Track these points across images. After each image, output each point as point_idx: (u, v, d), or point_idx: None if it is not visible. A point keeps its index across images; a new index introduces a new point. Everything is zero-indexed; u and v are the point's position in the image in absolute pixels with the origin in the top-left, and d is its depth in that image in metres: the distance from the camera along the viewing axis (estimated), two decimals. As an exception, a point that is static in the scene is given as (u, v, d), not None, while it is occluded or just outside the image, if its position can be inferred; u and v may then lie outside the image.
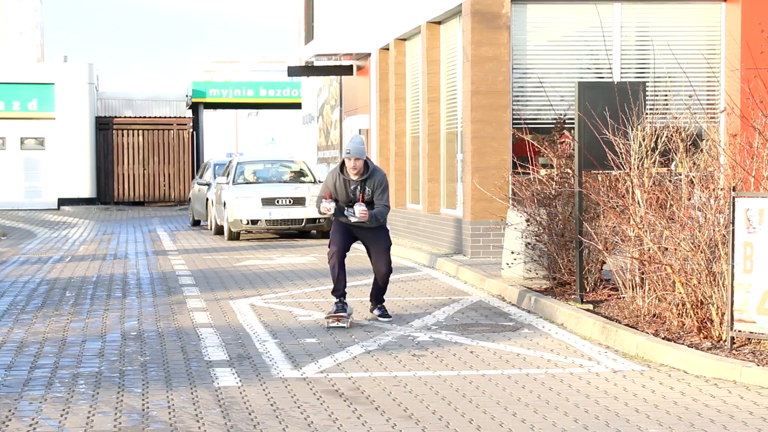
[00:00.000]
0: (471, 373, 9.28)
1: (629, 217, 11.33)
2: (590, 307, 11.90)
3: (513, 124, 17.08)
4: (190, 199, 32.02)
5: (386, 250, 12.13)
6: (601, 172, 12.25)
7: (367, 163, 11.81)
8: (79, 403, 8.20)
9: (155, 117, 44.46)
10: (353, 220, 11.80)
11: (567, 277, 13.24)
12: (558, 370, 9.44)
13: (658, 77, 16.64)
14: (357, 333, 11.13)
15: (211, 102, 43.75)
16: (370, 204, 11.77)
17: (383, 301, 12.36)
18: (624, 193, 11.63)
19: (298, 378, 9.07)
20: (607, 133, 11.71)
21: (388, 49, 23.01)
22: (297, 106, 40.07)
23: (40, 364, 9.79)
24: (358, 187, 11.77)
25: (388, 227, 11.62)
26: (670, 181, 11.28)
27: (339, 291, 11.89)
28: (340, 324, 11.63)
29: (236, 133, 72.97)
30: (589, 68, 17.25)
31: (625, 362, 9.73)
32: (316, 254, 20.19)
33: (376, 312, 12.25)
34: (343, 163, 11.88)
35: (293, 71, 32.07)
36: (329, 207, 11.72)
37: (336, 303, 11.85)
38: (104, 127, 42.90)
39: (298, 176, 26.14)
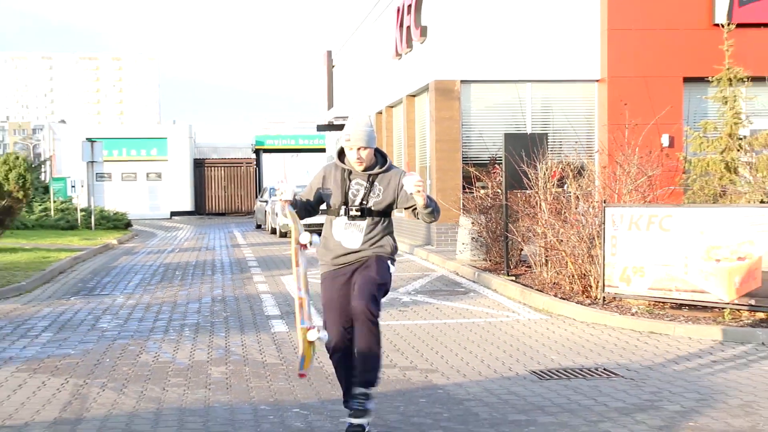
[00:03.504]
0: (437, 322, 9.33)
1: (538, 220, 11.39)
2: (513, 278, 11.95)
3: (462, 160, 17.14)
4: (254, 211, 32.12)
5: (373, 280, 5.07)
6: (520, 191, 12.31)
7: (382, 154, 5.30)
8: (185, 343, 8.26)
9: (232, 158, 44.80)
10: (345, 240, 5.19)
11: (498, 260, 13.31)
12: (493, 319, 9.49)
13: (556, 130, 16.72)
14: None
15: (267, 148, 43.67)
16: (368, 213, 5.15)
17: (367, 383, 5.09)
18: (534, 205, 11.71)
19: (325, 326, 9.11)
20: (524, 166, 11.77)
21: (381, 113, 23.07)
22: (323, 150, 40.05)
23: (160, 318, 9.84)
24: (365, 187, 5.15)
25: (393, 267, 5.31)
26: (564, 197, 11.35)
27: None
28: None
29: (284, 168, 72.91)
30: (511, 124, 17.28)
31: (535, 314, 9.79)
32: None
33: (347, 413, 5.13)
34: (341, 153, 5.30)
35: (320, 128, 32.15)
36: (283, 188, 5.08)
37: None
38: (199, 165, 43.10)
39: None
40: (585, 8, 17.21)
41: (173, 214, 41.44)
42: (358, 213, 5.17)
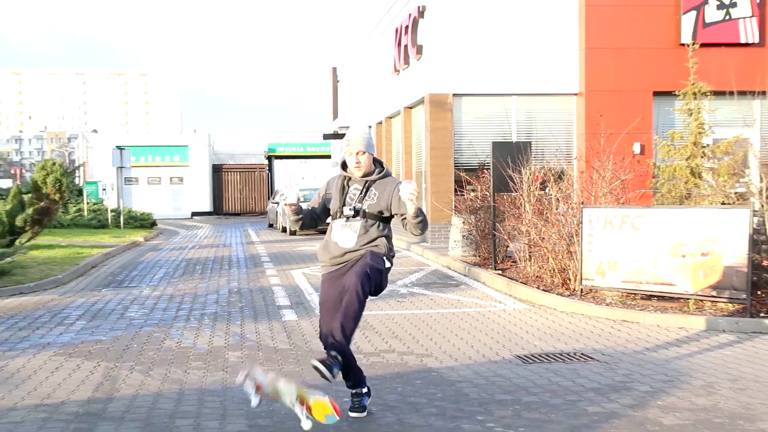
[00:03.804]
0: (431, 311, 9.33)
1: (522, 220, 11.39)
2: (500, 272, 11.96)
3: (454, 166, 17.13)
4: (267, 211, 32.09)
5: (365, 266, 4.81)
6: (506, 193, 12.32)
7: (380, 162, 5.13)
8: (204, 330, 8.26)
9: (247, 164, 44.70)
10: (341, 239, 4.97)
11: (487, 255, 13.31)
12: (482, 309, 9.50)
13: (538, 138, 16.72)
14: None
15: (279, 155, 43.60)
16: (362, 215, 4.95)
17: (360, 384, 5.14)
18: (519, 206, 11.72)
19: (331, 315, 9.11)
20: (509, 171, 11.78)
21: (381, 123, 23.08)
22: (328, 156, 40.05)
23: (182, 307, 9.85)
24: (362, 191, 5.00)
25: (389, 263, 5.01)
26: (545, 199, 11.36)
27: (349, 383, 5.19)
28: None
29: (290, 179, 73.25)
30: (498, 133, 17.29)
31: (520, 304, 9.79)
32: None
33: (350, 404, 5.16)
34: (344, 164, 5.12)
35: (326, 136, 32.12)
36: (287, 193, 5.00)
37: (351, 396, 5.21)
38: (217, 170, 43.01)
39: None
40: (565, 29, 17.24)
41: (194, 214, 41.41)
42: (352, 213, 4.97)
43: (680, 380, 6.08)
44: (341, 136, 29.51)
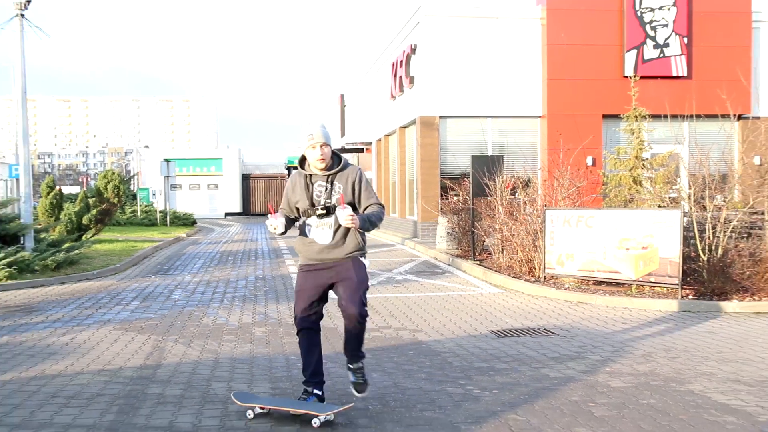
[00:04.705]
0: (421, 295, 9.32)
1: (496, 219, 11.38)
2: (478, 262, 11.94)
3: (440, 175, 17.11)
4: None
5: (358, 286, 4.25)
6: (483, 197, 12.31)
7: (338, 155, 4.36)
8: (235, 310, 8.24)
9: (270, 173, 44.57)
10: (318, 237, 4.28)
11: (467, 248, 13.30)
12: (463, 293, 9.49)
13: (509, 153, 16.71)
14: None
15: (296, 166, 43.50)
16: (333, 210, 4.26)
17: (359, 357, 4.44)
18: (493, 208, 11.70)
19: (339, 297, 9.09)
20: (485, 179, 11.76)
21: (380, 140, 23.05)
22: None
23: (217, 291, 9.83)
24: (326, 187, 4.25)
25: (367, 261, 4.39)
26: (515, 202, 11.35)
27: (307, 372, 4.37)
28: None
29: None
30: (476, 148, 17.27)
31: (494, 289, 9.78)
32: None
33: (350, 377, 4.46)
34: (302, 162, 4.38)
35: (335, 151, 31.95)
36: (275, 224, 4.28)
37: (302, 394, 4.38)
38: (246, 179, 42.91)
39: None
40: (531, 63, 17.24)
41: (227, 214, 41.34)
42: (324, 211, 4.23)
43: (624, 350, 6.07)
44: (347, 151, 29.52)
